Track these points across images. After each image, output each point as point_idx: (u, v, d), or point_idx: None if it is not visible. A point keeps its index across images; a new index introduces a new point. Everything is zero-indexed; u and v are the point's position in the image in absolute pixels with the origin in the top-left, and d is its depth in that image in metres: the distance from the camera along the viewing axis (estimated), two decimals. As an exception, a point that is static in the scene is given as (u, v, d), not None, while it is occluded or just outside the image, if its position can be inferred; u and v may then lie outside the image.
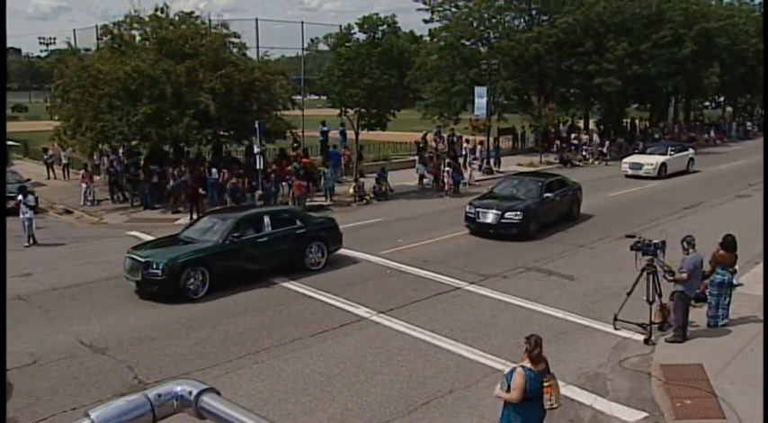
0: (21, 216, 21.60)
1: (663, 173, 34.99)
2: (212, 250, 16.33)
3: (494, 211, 21.58)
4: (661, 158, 35.68)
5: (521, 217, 21.34)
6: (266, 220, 17.68)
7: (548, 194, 22.80)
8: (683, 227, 20.94)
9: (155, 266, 15.50)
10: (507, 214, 21.38)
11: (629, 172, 35.55)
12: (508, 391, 7.89)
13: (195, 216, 24.82)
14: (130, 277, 16.01)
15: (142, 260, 15.76)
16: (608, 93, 45.68)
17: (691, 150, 39.07)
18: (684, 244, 12.82)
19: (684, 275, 12.44)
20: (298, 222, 18.38)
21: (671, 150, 37.04)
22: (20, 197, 22.04)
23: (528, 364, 7.88)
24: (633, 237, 13.36)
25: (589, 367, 11.77)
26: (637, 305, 12.99)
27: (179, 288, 15.47)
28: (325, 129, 38.92)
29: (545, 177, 24.89)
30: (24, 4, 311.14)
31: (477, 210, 21.97)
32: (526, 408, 7.80)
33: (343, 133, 38.35)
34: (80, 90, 27.92)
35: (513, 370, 8.01)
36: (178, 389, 1.91)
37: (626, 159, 37.09)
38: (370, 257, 19.41)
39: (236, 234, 16.77)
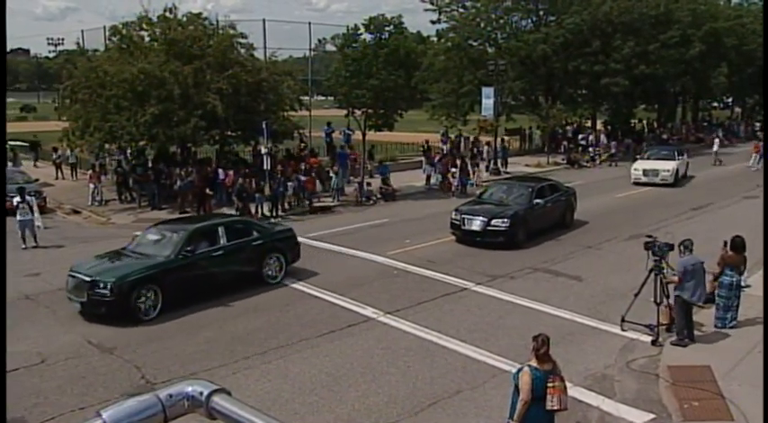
0: (19, 217, 21.07)
1: (677, 179, 33.21)
2: (164, 266, 15.05)
3: (480, 218, 20.71)
4: (674, 164, 33.54)
5: (508, 224, 20.44)
6: (221, 231, 16.42)
7: (538, 201, 21.84)
8: (691, 228, 20.90)
9: (102, 286, 14.14)
10: (494, 221, 20.50)
11: (643, 179, 32.90)
12: (516, 390, 7.89)
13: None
14: (74, 298, 14.69)
15: (88, 279, 14.37)
16: (615, 93, 45.62)
17: (686, 154, 37.30)
18: (681, 247, 12.81)
19: (676, 278, 12.46)
20: (254, 233, 17.25)
21: (677, 155, 35.17)
22: (17, 199, 21.41)
23: (534, 364, 7.87)
24: (650, 237, 13.30)
25: (596, 368, 11.75)
26: (644, 306, 12.97)
27: (129, 308, 14.20)
28: (329, 130, 38.95)
29: (536, 182, 23.82)
30: (32, 5, 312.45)
31: (463, 216, 21.08)
32: (533, 408, 7.77)
33: (344, 133, 38.31)
34: (88, 91, 28.02)
35: (519, 369, 8.01)
36: (189, 389, 1.92)
37: (637, 165, 34.09)
38: (377, 258, 19.41)
39: (188, 248, 15.48)
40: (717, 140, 44.49)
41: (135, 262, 15.25)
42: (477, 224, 20.69)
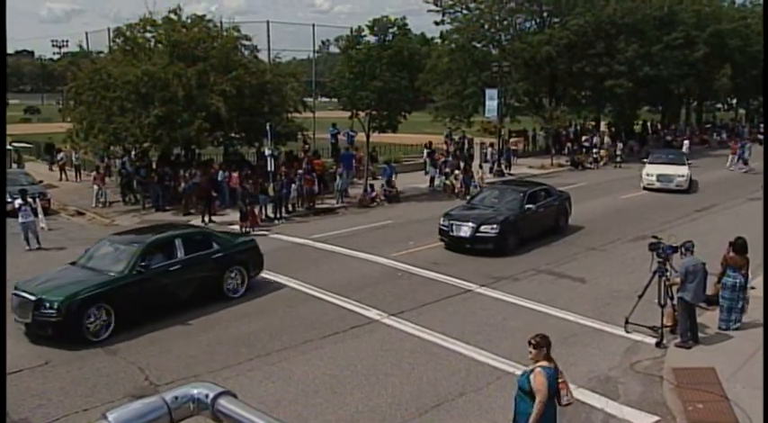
0: (21, 219, 21.02)
1: (690, 184, 31.46)
2: (117, 283, 13.87)
3: (468, 224, 20.03)
4: (687, 169, 31.88)
5: (497, 230, 19.76)
6: (178, 243, 15.26)
7: (529, 206, 21.14)
8: (695, 230, 20.86)
9: (48, 305, 12.97)
10: (483, 227, 19.83)
11: (657, 185, 31.01)
12: (524, 394, 7.83)
13: (208, 218, 24.95)
14: (19, 318, 13.48)
15: (33, 298, 13.15)
16: (619, 95, 45.57)
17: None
18: (682, 249, 12.80)
19: (677, 279, 12.46)
20: (214, 245, 16.07)
21: (686, 159, 33.89)
22: (19, 201, 21.36)
23: (545, 364, 7.86)
24: (656, 238, 13.30)
25: (600, 370, 11.73)
26: (648, 308, 12.97)
27: (79, 330, 12.99)
28: (334, 131, 38.99)
29: (528, 187, 23.19)
30: (38, 7, 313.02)
31: (452, 222, 20.39)
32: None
33: (348, 135, 38.36)
34: (92, 93, 28.09)
35: (529, 372, 7.87)
36: (195, 392, 1.92)
37: (649, 170, 32.01)
38: (381, 260, 19.39)
39: (143, 263, 14.28)
40: (686, 142, 43.35)
41: (85, 278, 13.96)
42: (465, 230, 20.05)
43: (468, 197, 28.18)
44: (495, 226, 19.91)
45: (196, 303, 15.04)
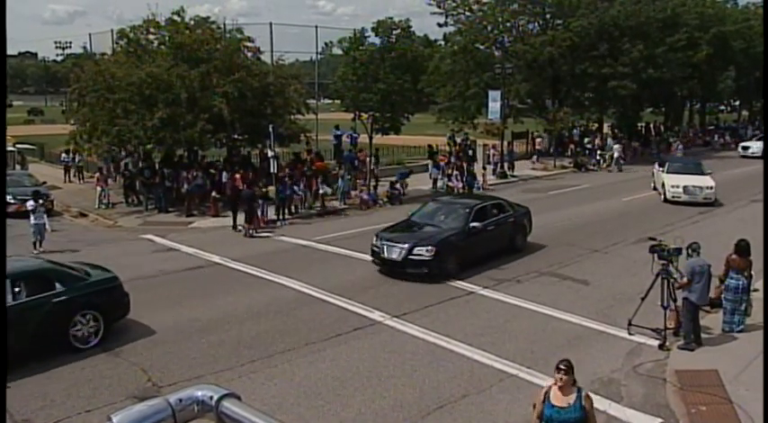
0: (34, 221, 21.03)
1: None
2: None
3: (400, 246, 17.71)
4: (711, 179, 29.55)
5: (433, 253, 17.38)
6: (6, 285, 12.13)
7: (474, 224, 18.66)
8: (698, 232, 20.85)
9: None
10: (416, 249, 17.47)
11: (684, 197, 28.12)
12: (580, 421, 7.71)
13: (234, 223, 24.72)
14: None
15: None
16: (622, 96, 45.52)
17: None
18: (689, 250, 12.82)
19: (684, 280, 12.46)
20: (57, 286, 12.96)
21: (704, 168, 31.65)
22: (32, 203, 21.38)
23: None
24: (654, 239, 13.31)
25: (603, 373, 11.71)
26: (651, 310, 12.96)
27: None
28: (338, 133, 39.00)
29: (477, 201, 20.67)
30: (41, 9, 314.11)
31: (383, 243, 18.09)
32: None
33: (351, 137, 38.36)
34: (95, 94, 28.15)
35: (575, 404, 7.49)
36: (199, 394, 1.92)
37: (674, 181, 28.99)
38: (384, 261, 19.37)
39: None
40: (616, 146, 41.53)
41: None
42: (396, 252, 17.72)
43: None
44: (430, 248, 17.51)
45: (33, 356, 12.17)
